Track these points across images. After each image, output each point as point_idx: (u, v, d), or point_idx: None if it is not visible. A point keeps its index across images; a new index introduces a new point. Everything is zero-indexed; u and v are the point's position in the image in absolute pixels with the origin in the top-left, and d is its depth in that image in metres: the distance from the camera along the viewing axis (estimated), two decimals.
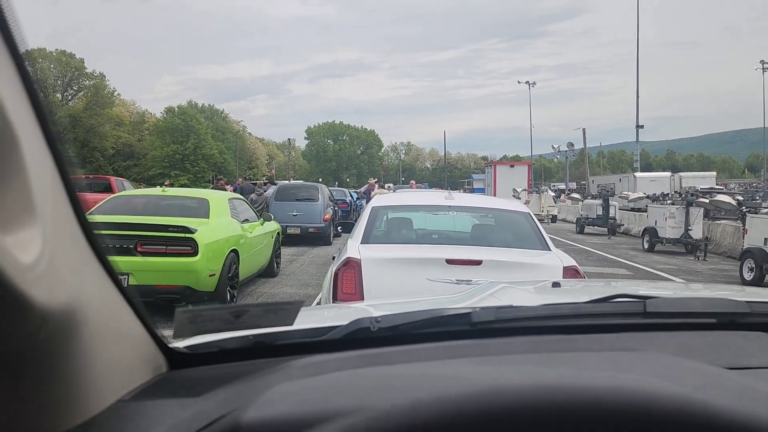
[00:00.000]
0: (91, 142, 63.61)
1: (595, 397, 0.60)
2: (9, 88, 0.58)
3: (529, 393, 0.61)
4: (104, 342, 0.79)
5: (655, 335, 1.19)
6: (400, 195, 8.02)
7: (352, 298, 4.18)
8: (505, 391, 0.61)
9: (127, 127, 73.07)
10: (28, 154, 0.59)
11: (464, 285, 3.91)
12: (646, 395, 0.61)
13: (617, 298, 1.38)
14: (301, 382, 0.77)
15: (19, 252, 0.56)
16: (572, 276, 4.32)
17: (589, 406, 0.60)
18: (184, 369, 1.03)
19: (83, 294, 0.72)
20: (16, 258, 0.55)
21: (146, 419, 0.79)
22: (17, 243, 0.56)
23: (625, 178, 36.90)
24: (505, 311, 1.24)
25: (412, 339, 1.14)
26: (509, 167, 41.78)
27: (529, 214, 5.38)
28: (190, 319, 0.90)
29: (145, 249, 6.49)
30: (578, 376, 0.66)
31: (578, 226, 23.02)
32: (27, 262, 0.57)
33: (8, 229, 0.56)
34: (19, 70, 0.60)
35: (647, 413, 0.59)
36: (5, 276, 0.53)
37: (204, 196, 8.54)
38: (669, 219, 15.68)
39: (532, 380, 0.64)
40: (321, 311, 2.69)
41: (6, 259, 0.53)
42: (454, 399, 0.61)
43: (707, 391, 0.65)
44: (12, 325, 0.59)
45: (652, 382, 0.64)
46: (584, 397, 0.60)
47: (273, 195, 16.89)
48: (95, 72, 69.52)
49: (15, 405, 0.69)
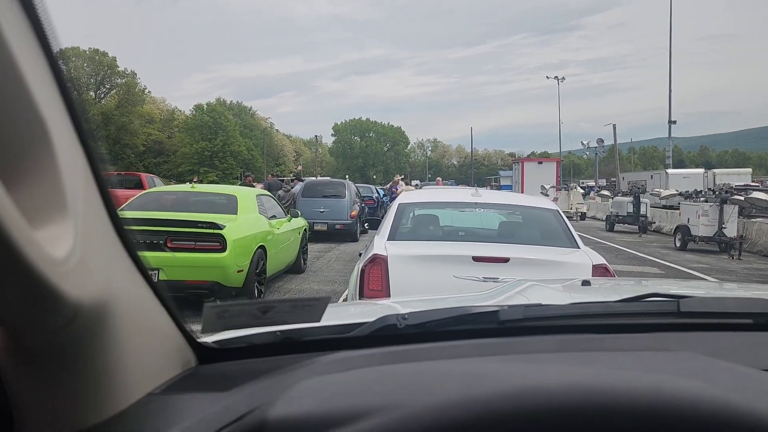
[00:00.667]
0: (122, 140, 64.76)
1: (632, 399, 0.59)
2: (42, 87, 0.59)
3: (564, 393, 0.60)
4: (135, 336, 0.80)
5: (689, 335, 1.17)
6: (427, 192, 8.00)
7: (378, 295, 4.19)
8: (538, 390, 0.60)
9: (157, 125, 74.17)
10: (61, 151, 0.60)
11: (491, 283, 3.89)
12: (684, 397, 0.59)
13: (649, 297, 1.35)
14: (327, 378, 0.77)
15: (51, 246, 0.56)
16: (602, 274, 4.26)
17: (626, 407, 0.58)
18: (212, 364, 1.04)
19: (114, 288, 0.73)
20: (48, 252, 0.56)
21: (176, 413, 0.80)
22: (49, 237, 0.57)
23: (656, 175, 36.22)
24: (533, 309, 1.22)
25: (439, 336, 1.13)
26: (537, 164, 41.37)
27: (558, 212, 5.32)
28: (219, 314, 0.91)
29: (175, 245, 6.58)
30: (614, 377, 0.65)
31: (608, 223, 22.71)
32: (59, 256, 0.57)
33: (40, 223, 0.57)
34: (53, 69, 0.61)
35: (685, 416, 0.58)
36: (37, 270, 0.54)
37: (232, 192, 8.63)
38: (702, 217, 15.39)
39: (565, 380, 0.63)
40: (347, 308, 2.70)
41: (38, 253, 0.54)
42: (485, 398, 0.60)
43: (744, 393, 0.64)
44: (44, 318, 0.60)
45: (689, 384, 0.62)
46: (621, 399, 0.59)
47: (300, 191, 16.98)
48: (127, 70, 70.85)
49: (48, 397, 0.70)
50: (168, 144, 74.50)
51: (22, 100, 0.56)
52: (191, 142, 72.10)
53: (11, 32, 0.53)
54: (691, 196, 18.90)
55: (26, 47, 0.57)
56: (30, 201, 0.56)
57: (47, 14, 0.60)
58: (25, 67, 0.55)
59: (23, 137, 0.57)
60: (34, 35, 0.59)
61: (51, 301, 0.58)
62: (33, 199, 0.57)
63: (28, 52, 0.57)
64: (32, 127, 0.57)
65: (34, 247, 0.53)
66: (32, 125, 0.57)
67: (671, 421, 0.58)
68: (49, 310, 0.59)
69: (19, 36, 0.56)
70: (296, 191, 17.22)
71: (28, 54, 0.57)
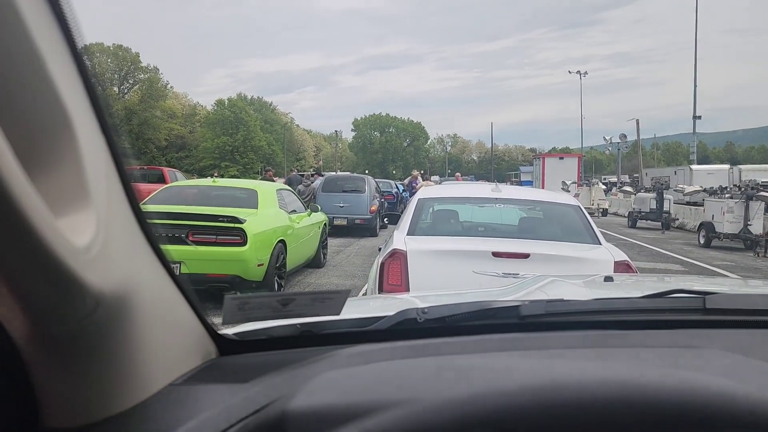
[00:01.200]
0: (145, 134, 65.54)
1: (661, 395, 0.58)
2: (67, 82, 0.59)
3: (591, 388, 0.59)
4: (156, 327, 0.81)
5: (715, 332, 1.14)
6: (446, 187, 7.98)
7: (397, 290, 4.18)
8: (566, 385, 0.59)
9: (179, 120, 74.91)
10: (83, 143, 0.61)
11: (511, 278, 3.86)
12: (715, 395, 0.58)
13: (674, 293, 1.33)
14: (347, 371, 0.76)
15: (74, 235, 0.57)
16: (624, 271, 4.21)
17: (655, 404, 0.57)
18: (233, 355, 1.04)
19: (136, 279, 0.74)
20: (71, 241, 0.56)
21: (197, 403, 0.80)
22: (71, 226, 0.57)
23: (680, 171, 35.71)
24: (555, 305, 1.21)
25: (459, 331, 1.13)
26: (558, 159, 40.96)
27: (579, 207, 5.27)
28: (239, 306, 0.91)
29: (196, 238, 6.65)
30: (642, 373, 0.64)
31: (630, 220, 22.46)
32: (81, 245, 0.58)
33: (63, 213, 0.57)
34: (78, 64, 0.62)
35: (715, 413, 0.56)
36: (60, 258, 0.54)
37: (253, 187, 8.68)
38: (727, 213, 15.16)
39: (592, 375, 0.62)
40: (367, 302, 2.70)
41: (61, 241, 0.54)
42: (510, 391, 0.59)
43: None
44: (67, 306, 0.61)
45: (719, 381, 0.61)
46: (650, 395, 0.58)
47: (320, 186, 17.06)
48: (150, 65, 71.68)
49: (71, 386, 0.71)
50: (190, 139, 75.27)
51: (46, 93, 0.56)
52: (213, 137, 72.78)
53: (37, 29, 0.54)
54: (715, 192, 18.61)
55: (52, 43, 0.57)
56: (53, 191, 0.57)
57: (72, 10, 0.60)
58: (50, 62, 0.56)
59: (47, 129, 0.57)
60: (60, 31, 0.60)
61: (74, 289, 0.58)
62: (56, 188, 0.57)
63: (54, 48, 0.58)
64: (56, 119, 0.58)
65: (57, 236, 0.54)
66: (56, 118, 0.58)
67: (701, 418, 0.56)
68: (72, 299, 0.60)
69: (45, 32, 0.56)
70: (316, 186, 17.29)
71: (53, 49, 0.57)
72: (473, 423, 0.57)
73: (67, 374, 0.70)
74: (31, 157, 0.55)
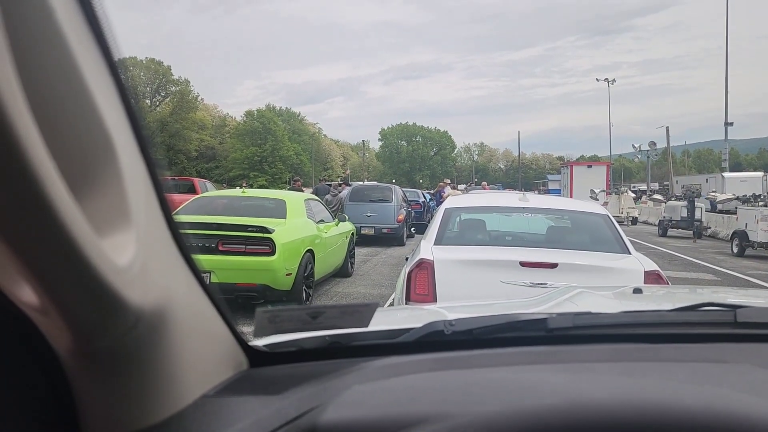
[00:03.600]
0: (176, 146, 66.62)
1: (684, 417, 0.58)
2: (105, 98, 0.61)
3: (616, 409, 0.59)
4: (191, 340, 0.83)
5: (747, 347, 1.13)
6: (473, 196, 7.95)
7: (425, 300, 4.18)
8: (591, 405, 0.60)
9: (209, 131, 76.05)
10: (124, 161, 0.63)
11: (539, 288, 3.84)
12: (740, 415, 0.58)
13: (705, 306, 1.31)
14: (376, 384, 0.78)
15: (116, 255, 0.60)
16: (654, 281, 4.15)
17: (679, 425, 0.57)
18: (263, 367, 1.06)
19: (172, 294, 0.76)
20: (113, 261, 0.59)
21: (230, 415, 0.82)
22: (114, 246, 0.60)
23: (712, 179, 35.01)
24: (583, 318, 1.21)
25: (486, 343, 1.13)
26: (586, 167, 40.45)
27: (608, 216, 5.21)
28: (270, 319, 0.93)
29: (226, 248, 6.73)
30: (668, 391, 0.64)
31: (660, 228, 22.07)
32: (123, 264, 0.60)
33: (106, 233, 0.60)
34: (115, 79, 0.64)
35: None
36: (103, 277, 0.57)
37: (281, 197, 8.77)
38: (761, 222, 14.80)
39: (618, 395, 0.62)
40: (394, 313, 2.70)
41: (104, 261, 0.57)
42: (537, 412, 0.60)
43: None
44: (109, 323, 0.63)
45: (746, 400, 0.61)
46: (675, 416, 0.58)
47: (347, 196, 17.12)
48: (181, 78, 72.94)
49: (110, 398, 0.74)
50: (220, 149, 76.31)
51: (87, 111, 0.58)
52: (242, 148, 73.71)
53: (76, 44, 0.56)
54: (749, 200, 18.20)
55: (90, 59, 0.59)
56: (96, 211, 0.59)
57: (110, 25, 0.62)
58: (91, 81, 0.58)
59: (89, 149, 0.60)
60: (97, 46, 0.61)
61: (116, 306, 0.61)
62: (99, 209, 0.60)
63: (92, 64, 0.60)
64: (97, 138, 0.60)
65: (101, 256, 0.56)
66: (97, 137, 0.60)
67: None
68: (115, 315, 0.62)
69: (83, 47, 0.58)
70: (344, 196, 17.36)
71: (91, 66, 0.59)
72: None
73: (107, 387, 0.72)
74: (76, 179, 0.58)
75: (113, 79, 0.64)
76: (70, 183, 0.54)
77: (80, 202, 0.55)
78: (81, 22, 0.58)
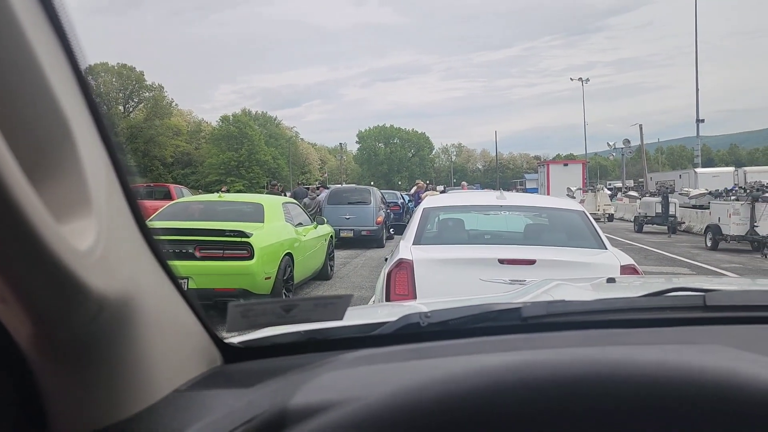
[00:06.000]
0: (151, 152, 66.01)
1: (637, 371, 0.59)
2: (68, 96, 0.62)
3: (568, 366, 0.60)
4: (160, 334, 0.82)
5: (716, 329, 1.15)
6: (452, 196, 7.99)
7: (404, 299, 4.18)
8: (544, 363, 0.60)
9: (184, 136, 75.45)
10: (84, 155, 0.63)
11: (518, 285, 3.86)
12: (690, 368, 0.59)
13: (675, 291, 1.33)
14: (348, 371, 0.78)
15: (76, 239, 0.59)
16: (630, 275, 4.21)
17: (630, 377, 0.58)
18: (237, 363, 1.05)
19: (140, 285, 0.75)
20: (73, 244, 0.58)
21: (201, 408, 0.82)
22: (73, 231, 0.60)
23: (685, 175, 35.56)
24: (556, 305, 1.22)
25: (462, 334, 1.14)
26: (563, 166, 41.01)
27: (584, 213, 5.27)
28: (242, 313, 0.92)
29: (204, 253, 6.68)
30: (624, 353, 0.65)
31: (636, 224, 22.38)
32: (82, 248, 0.60)
33: (65, 218, 0.60)
34: (73, 68, 0.64)
35: (692, 384, 0.57)
36: (63, 261, 0.56)
37: (259, 200, 8.72)
38: (733, 215, 15.09)
39: (573, 356, 0.63)
40: (373, 309, 2.71)
41: (63, 245, 0.56)
42: (489, 371, 0.60)
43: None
44: (71, 311, 0.63)
45: (695, 357, 0.62)
46: (627, 370, 0.59)
47: (326, 199, 17.09)
48: (154, 84, 72.36)
49: (77, 392, 0.73)
50: (195, 155, 75.71)
51: (48, 107, 0.59)
52: (218, 153, 73.26)
53: (40, 46, 0.56)
54: (721, 194, 18.54)
55: (54, 60, 0.60)
56: (55, 198, 0.59)
57: (74, 32, 0.63)
58: (52, 77, 0.58)
59: (48, 140, 0.60)
60: (62, 49, 0.62)
61: (77, 292, 0.60)
62: (57, 196, 0.60)
63: (56, 64, 0.60)
64: (57, 131, 0.60)
65: (60, 239, 0.56)
66: (57, 130, 0.60)
67: (678, 389, 0.57)
68: (76, 302, 0.62)
69: (47, 49, 0.58)
70: (322, 199, 17.33)
71: (55, 66, 0.60)
72: (455, 398, 0.58)
73: (73, 380, 0.71)
74: (34, 166, 0.57)
75: (76, 78, 0.64)
76: (27, 169, 0.54)
77: (38, 187, 0.55)
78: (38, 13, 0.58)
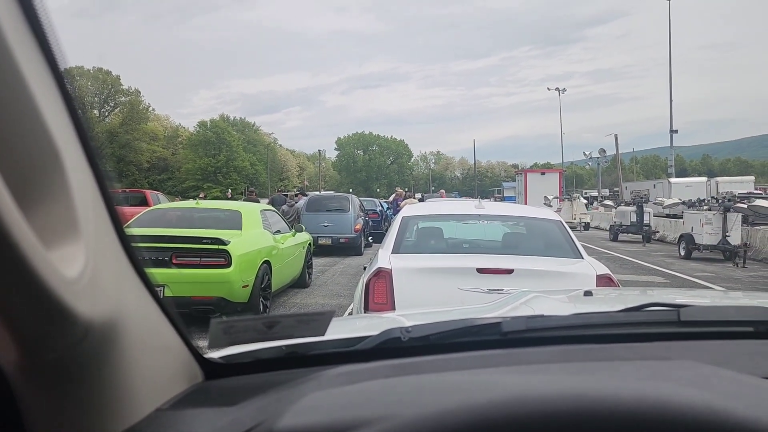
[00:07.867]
0: (126, 157, 65.18)
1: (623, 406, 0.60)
2: (52, 109, 0.60)
3: (555, 401, 0.61)
4: (143, 353, 0.82)
5: (691, 344, 1.18)
6: (430, 204, 8.03)
7: (383, 308, 4.19)
8: (531, 399, 0.62)
9: (161, 142, 74.62)
10: (72, 173, 0.62)
11: (495, 294, 3.89)
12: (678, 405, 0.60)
13: (651, 306, 1.36)
14: (332, 391, 0.78)
15: (64, 266, 0.58)
16: (606, 284, 4.26)
17: (616, 414, 0.59)
18: (219, 379, 1.05)
19: (123, 306, 0.75)
20: (62, 272, 0.58)
21: (184, 427, 0.81)
22: (62, 258, 0.59)
23: (659, 184, 36.21)
24: (536, 321, 1.24)
25: (443, 349, 1.15)
26: (540, 175, 41.43)
27: (561, 222, 5.33)
28: (225, 330, 0.92)
29: (180, 261, 6.60)
30: (608, 384, 0.66)
31: (612, 233, 22.65)
32: (71, 275, 0.59)
33: (54, 244, 0.59)
34: (61, 89, 0.63)
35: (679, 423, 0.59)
36: (51, 289, 0.56)
37: (236, 208, 8.66)
38: (706, 225, 15.36)
39: (558, 388, 0.64)
40: (353, 321, 2.70)
41: (52, 273, 0.56)
42: (481, 407, 0.61)
43: (743, 401, 0.65)
44: (57, 335, 0.62)
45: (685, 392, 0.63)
46: (609, 407, 0.60)
47: (304, 206, 17.03)
48: (131, 88, 71.54)
49: (59, 413, 0.72)
50: (172, 160, 74.93)
51: (35, 126, 0.57)
52: (195, 158, 72.61)
53: (21, 54, 0.55)
54: (694, 204, 18.86)
55: (35, 69, 0.58)
56: (44, 223, 0.58)
57: (55, 35, 0.61)
58: (37, 93, 0.57)
59: (35, 161, 0.59)
60: (42, 56, 0.60)
61: (64, 318, 0.59)
62: (46, 221, 0.59)
63: (38, 77, 0.59)
64: (43, 150, 0.59)
65: (49, 267, 0.55)
66: (43, 148, 0.59)
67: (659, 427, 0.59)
68: (62, 328, 0.61)
69: (28, 58, 0.57)
70: (300, 206, 17.26)
71: (37, 76, 0.58)
72: None
73: (56, 401, 0.71)
74: (23, 191, 0.57)
75: (59, 91, 0.63)
76: (16, 194, 0.53)
77: (26, 213, 0.54)
78: (25, 31, 0.57)
